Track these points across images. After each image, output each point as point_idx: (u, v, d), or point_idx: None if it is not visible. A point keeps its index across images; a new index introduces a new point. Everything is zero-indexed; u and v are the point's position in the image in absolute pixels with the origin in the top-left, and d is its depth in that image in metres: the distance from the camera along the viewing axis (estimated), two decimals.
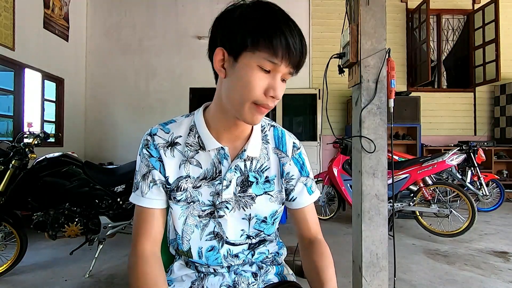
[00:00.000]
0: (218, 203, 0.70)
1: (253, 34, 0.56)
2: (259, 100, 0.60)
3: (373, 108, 1.97)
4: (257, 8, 0.59)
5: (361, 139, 1.97)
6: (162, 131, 0.71)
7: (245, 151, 0.70)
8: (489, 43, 5.03)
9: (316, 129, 5.15)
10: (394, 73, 1.95)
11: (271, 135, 0.76)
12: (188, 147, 0.70)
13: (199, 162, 0.70)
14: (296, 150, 0.77)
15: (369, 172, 1.96)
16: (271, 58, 0.57)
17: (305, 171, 0.78)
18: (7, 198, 2.16)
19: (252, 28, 0.57)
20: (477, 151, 3.86)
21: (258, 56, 0.57)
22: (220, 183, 0.70)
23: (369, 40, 1.95)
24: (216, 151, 0.70)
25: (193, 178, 0.70)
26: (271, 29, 0.56)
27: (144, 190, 0.69)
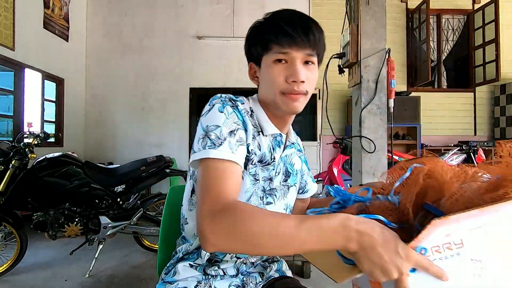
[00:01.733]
0: (268, 189, 0.72)
1: (261, 40, 0.67)
2: (284, 89, 0.66)
3: (373, 108, 1.97)
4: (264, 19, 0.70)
5: (361, 139, 1.97)
6: (240, 101, 0.70)
7: (295, 144, 0.81)
8: (489, 43, 5.03)
9: (316, 129, 5.15)
10: (394, 73, 1.95)
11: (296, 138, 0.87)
12: (254, 127, 0.70)
13: (260, 145, 0.71)
14: (304, 150, 0.93)
15: (369, 172, 1.96)
16: (280, 49, 0.65)
17: (307, 166, 0.94)
18: (7, 198, 2.16)
19: (260, 36, 0.68)
20: (477, 151, 3.86)
21: (271, 54, 0.66)
22: (274, 169, 0.73)
23: (369, 40, 1.95)
24: (272, 137, 0.74)
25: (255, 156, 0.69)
26: (271, 27, 0.66)
27: (233, 146, 0.60)
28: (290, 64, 0.65)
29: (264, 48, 0.67)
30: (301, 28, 0.65)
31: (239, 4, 5.17)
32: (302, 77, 0.65)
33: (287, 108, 0.67)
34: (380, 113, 1.97)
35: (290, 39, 0.64)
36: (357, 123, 2.01)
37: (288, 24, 0.65)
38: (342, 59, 2.15)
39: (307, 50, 0.65)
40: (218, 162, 0.58)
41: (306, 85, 0.66)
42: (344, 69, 2.22)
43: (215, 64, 5.11)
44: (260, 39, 0.68)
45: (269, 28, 0.66)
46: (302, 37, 0.64)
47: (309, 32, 0.65)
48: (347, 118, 5.27)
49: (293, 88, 0.65)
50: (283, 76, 0.65)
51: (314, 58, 0.67)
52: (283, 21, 0.65)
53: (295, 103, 0.67)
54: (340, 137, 3.73)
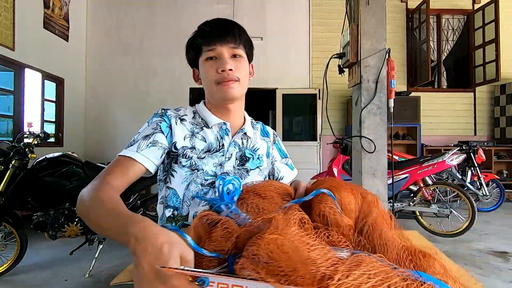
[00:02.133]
0: (220, 173, 0.80)
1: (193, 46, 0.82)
2: (217, 79, 0.78)
3: (373, 108, 1.97)
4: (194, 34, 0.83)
5: (361, 139, 1.97)
6: (173, 109, 0.86)
7: (244, 128, 0.87)
8: (489, 43, 5.03)
9: (316, 129, 5.15)
10: (394, 73, 1.95)
11: (258, 126, 0.96)
12: (194, 125, 0.83)
13: (204, 137, 0.82)
14: (276, 137, 0.99)
15: (369, 172, 1.96)
16: (207, 48, 0.78)
17: (283, 153, 1.00)
18: (7, 198, 2.16)
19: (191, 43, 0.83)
20: (477, 151, 3.86)
21: (202, 55, 0.80)
22: (223, 155, 0.82)
23: (369, 40, 1.95)
24: (218, 127, 0.84)
25: (198, 150, 0.80)
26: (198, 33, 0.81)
27: (141, 146, 0.75)
28: (219, 58, 0.78)
29: (196, 52, 0.81)
30: (222, 28, 0.78)
31: (239, 4, 5.17)
32: (229, 66, 0.76)
33: (223, 94, 0.78)
34: (380, 113, 1.97)
35: (213, 37, 0.77)
36: (357, 123, 2.01)
37: (210, 26, 0.79)
38: (342, 59, 2.15)
39: (231, 44, 0.78)
40: (120, 157, 0.74)
41: (236, 73, 0.78)
42: (344, 69, 2.22)
43: None
44: (192, 45, 0.83)
45: (196, 34, 0.81)
46: (223, 34, 0.77)
47: (229, 30, 0.78)
48: (347, 118, 5.27)
49: (224, 76, 0.77)
50: (214, 69, 0.77)
51: (239, 50, 0.80)
52: (207, 25, 0.80)
53: (229, 89, 0.78)
54: (340, 137, 3.73)
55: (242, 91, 0.82)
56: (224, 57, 0.77)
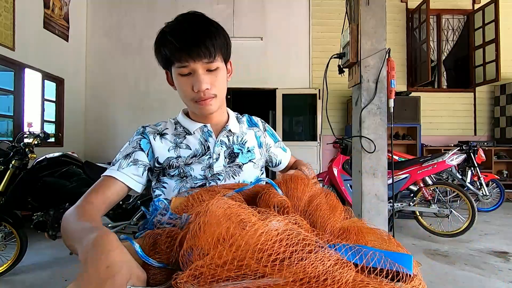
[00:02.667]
0: (210, 175, 0.80)
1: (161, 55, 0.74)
2: (193, 97, 0.75)
3: (373, 108, 1.97)
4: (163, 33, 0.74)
5: (361, 139, 1.97)
6: (153, 125, 0.86)
7: (227, 126, 0.85)
8: (489, 43, 5.02)
9: (316, 129, 5.15)
10: (394, 73, 1.95)
11: (244, 119, 0.95)
12: (177, 136, 0.83)
13: (188, 145, 0.82)
14: (265, 124, 0.99)
15: (369, 172, 1.96)
16: (179, 64, 0.72)
17: (275, 137, 1.00)
18: (7, 198, 2.16)
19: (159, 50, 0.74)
20: (477, 151, 3.86)
21: (173, 69, 0.75)
22: (210, 157, 0.81)
23: (369, 40, 1.95)
24: (200, 131, 0.83)
25: (184, 157, 0.80)
26: (166, 43, 0.71)
27: (122, 165, 0.76)
28: (192, 75, 0.73)
29: (166, 63, 0.75)
30: (192, 42, 0.69)
31: (239, 4, 5.17)
32: (204, 86, 0.72)
33: (200, 112, 0.78)
34: (380, 113, 1.97)
35: (183, 55, 0.70)
36: (357, 123, 2.01)
37: (179, 40, 0.69)
38: (342, 59, 2.15)
39: (205, 59, 0.71)
40: (103, 177, 0.74)
41: (213, 89, 0.75)
42: (344, 69, 2.22)
43: None
44: (160, 53, 0.75)
45: (164, 43, 0.72)
46: (195, 49, 0.69)
47: (200, 43, 0.70)
48: (347, 118, 5.27)
49: (200, 96, 0.74)
50: (190, 86, 0.74)
51: (215, 64, 0.73)
52: (174, 36, 0.70)
53: (206, 107, 0.77)
54: (340, 137, 3.72)
55: (221, 102, 0.81)
56: (198, 75, 0.72)
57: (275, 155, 0.98)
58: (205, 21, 0.75)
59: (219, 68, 0.75)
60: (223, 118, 0.88)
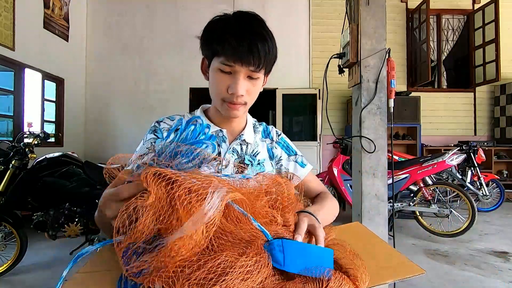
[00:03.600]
0: None
1: (212, 44, 0.71)
2: (225, 97, 0.73)
3: (373, 108, 1.97)
4: (222, 21, 0.73)
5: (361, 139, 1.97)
6: (168, 119, 0.84)
7: (242, 135, 0.83)
8: (489, 43, 5.02)
9: (316, 129, 5.15)
10: (394, 73, 1.95)
11: (260, 128, 0.91)
12: None
13: None
14: (279, 136, 0.93)
15: (369, 172, 1.96)
16: (225, 62, 0.69)
17: (291, 150, 0.92)
18: (7, 198, 2.16)
19: (212, 39, 0.71)
20: (477, 151, 3.86)
21: (216, 61, 0.71)
22: (220, 163, 0.77)
23: (369, 40, 1.95)
24: (215, 134, 0.81)
25: None
26: (220, 37, 0.69)
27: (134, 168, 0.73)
28: (233, 76, 0.71)
29: (213, 54, 0.72)
30: (248, 45, 0.68)
31: (239, 4, 5.17)
32: (241, 91, 0.71)
33: (225, 113, 0.76)
34: (380, 113, 1.97)
35: (235, 55, 0.68)
36: (357, 123, 2.01)
37: (235, 39, 0.68)
38: (342, 59, 2.15)
39: (251, 67, 0.69)
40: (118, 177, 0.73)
41: (246, 97, 0.73)
42: (344, 69, 2.21)
43: None
44: (210, 44, 0.72)
45: (218, 37, 0.70)
46: (247, 54, 0.68)
47: (254, 50, 0.68)
48: (347, 118, 5.27)
49: (232, 99, 0.72)
50: (225, 86, 0.71)
51: (258, 74, 0.72)
52: (231, 34, 0.68)
53: (233, 111, 0.75)
54: (340, 137, 3.73)
55: (247, 109, 0.80)
56: (239, 79, 0.70)
57: (286, 169, 0.90)
58: (264, 30, 0.73)
59: (259, 79, 0.74)
60: (240, 125, 0.86)
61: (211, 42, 0.71)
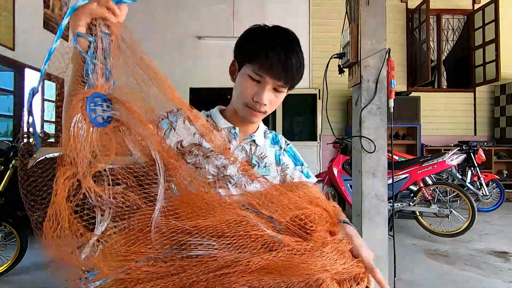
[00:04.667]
0: (222, 175, 0.79)
1: (246, 52, 0.76)
2: (249, 103, 0.77)
3: (373, 108, 1.97)
4: (260, 32, 0.77)
5: (361, 139, 1.97)
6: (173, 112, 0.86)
7: (253, 135, 0.86)
8: (489, 43, 5.03)
9: (316, 129, 5.15)
10: (394, 73, 1.95)
11: (270, 135, 0.95)
12: None
13: None
14: (287, 144, 0.96)
15: (369, 172, 1.96)
16: (256, 71, 0.73)
17: (299, 160, 0.95)
18: (7, 198, 2.16)
19: (247, 47, 0.76)
20: (477, 151, 3.86)
21: (248, 67, 0.75)
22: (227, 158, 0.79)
23: (369, 40, 1.95)
24: (227, 130, 0.84)
25: (205, 147, 0.80)
26: (259, 48, 0.73)
27: None
28: (261, 85, 0.75)
29: (247, 61, 0.75)
30: (283, 62, 0.73)
31: (239, 4, 5.17)
32: (265, 101, 0.75)
33: (245, 117, 0.80)
34: (380, 113, 1.97)
35: (269, 70, 0.72)
36: (357, 123, 2.01)
37: (272, 52, 0.72)
38: (342, 59, 2.15)
39: (280, 83, 0.75)
40: None
41: (267, 107, 0.78)
42: (344, 69, 2.21)
43: (215, 64, 5.11)
44: (245, 49, 0.77)
45: (255, 45, 0.75)
46: (279, 70, 0.73)
47: (288, 72, 0.74)
48: (347, 118, 5.27)
49: (255, 106, 0.76)
50: (252, 93, 0.75)
51: (283, 88, 0.77)
52: (269, 46, 0.73)
53: (252, 117, 0.79)
54: (340, 137, 3.73)
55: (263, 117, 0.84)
56: (266, 88, 0.75)
57: (291, 177, 0.92)
58: (299, 50, 0.79)
59: (283, 92, 0.79)
60: (253, 127, 0.89)
61: (247, 48, 0.76)
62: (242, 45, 0.79)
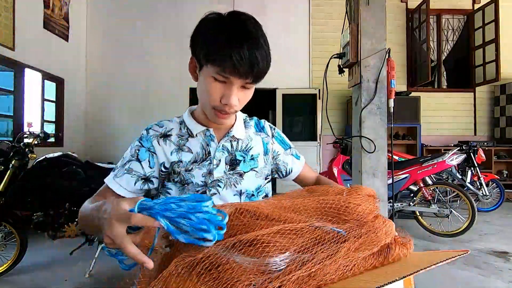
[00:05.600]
0: (210, 182, 0.78)
1: (206, 52, 0.67)
2: (216, 106, 0.71)
3: (373, 108, 1.97)
4: (216, 25, 0.68)
5: (361, 139, 1.97)
6: (157, 125, 0.84)
7: (231, 131, 0.82)
8: (489, 43, 5.03)
9: (316, 129, 5.15)
10: (394, 73, 1.95)
11: (252, 123, 0.90)
12: (180, 137, 0.81)
13: (190, 148, 0.80)
14: (274, 130, 0.93)
15: (369, 172, 1.97)
16: (220, 72, 0.66)
17: (286, 144, 0.94)
18: (7, 198, 2.16)
19: (206, 46, 0.67)
20: (477, 151, 3.86)
21: (211, 69, 0.67)
22: (211, 163, 0.79)
23: (369, 40, 1.95)
24: (203, 134, 0.81)
25: (185, 162, 0.78)
26: (219, 47, 0.65)
27: (117, 174, 0.77)
28: (227, 86, 0.69)
29: (207, 61, 0.67)
30: (249, 61, 0.64)
31: (239, 4, 5.17)
32: (235, 102, 0.70)
33: (214, 120, 0.76)
34: (380, 113, 1.97)
35: (234, 70, 0.65)
36: (357, 123, 2.01)
37: (236, 51, 0.63)
38: (342, 59, 2.15)
39: (247, 80, 0.68)
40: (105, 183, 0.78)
41: (238, 105, 0.72)
42: (344, 69, 2.22)
43: None
44: (205, 49, 0.67)
45: (219, 49, 0.64)
46: (247, 71, 0.65)
47: (254, 67, 0.66)
48: (347, 118, 5.27)
49: (224, 109, 0.71)
50: (219, 95, 0.70)
51: (252, 84, 0.71)
52: (231, 44, 0.63)
53: (222, 120, 0.75)
54: (340, 137, 3.73)
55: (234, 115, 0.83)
56: (233, 90, 0.68)
57: (284, 163, 0.91)
58: (263, 38, 0.68)
59: (251, 88, 0.73)
60: (230, 122, 0.84)
61: (207, 48, 0.67)
62: (199, 42, 0.70)
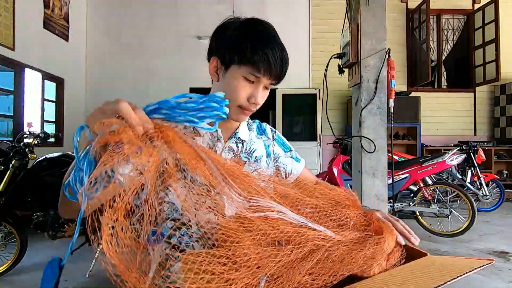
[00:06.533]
0: None
1: (240, 53, 0.70)
2: (243, 105, 0.74)
3: (373, 108, 1.97)
4: (246, 28, 0.72)
5: (361, 139, 1.97)
6: None
7: (237, 133, 0.83)
8: (489, 43, 5.03)
9: (316, 129, 5.15)
10: (394, 73, 1.95)
11: (254, 126, 0.92)
12: None
13: None
14: (274, 133, 0.96)
15: (369, 172, 1.97)
16: (254, 73, 0.70)
17: (286, 147, 0.96)
18: (7, 198, 2.16)
19: (239, 47, 0.70)
20: (477, 151, 3.86)
21: (243, 69, 0.70)
22: None
23: (369, 40, 1.95)
24: (209, 134, 0.81)
25: None
26: (254, 48, 0.69)
27: None
28: (255, 86, 0.73)
29: (240, 62, 0.70)
30: (280, 60, 0.71)
31: (239, 4, 5.17)
32: (261, 102, 0.75)
33: (236, 118, 0.78)
34: (380, 113, 1.97)
35: (269, 71, 0.70)
36: (357, 123, 2.01)
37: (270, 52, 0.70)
38: (342, 59, 2.15)
39: (273, 81, 0.74)
40: None
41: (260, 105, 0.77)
42: (344, 69, 2.22)
43: None
44: (236, 51, 0.70)
45: (254, 49, 0.69)
46: (278, 71, 0.72)
47: (283, 68, 0.73)
48: (347, 118, 5.27)
49: (250, 107, 0.75)
50: (247, 94, 0.73)
51: (272, 85, 0.76)
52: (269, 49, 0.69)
53: (245, 116, 0.78)
54: (340, 137, 3.73)
55: None
56: (260, 89, 0.74)
57: (284, 165, 0.93)
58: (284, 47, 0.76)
59: (269, 89, 0.79)
60: (235, 123, 0.86)
61: (241, 49, 0.69)
62: (226, 44, 0.73)
